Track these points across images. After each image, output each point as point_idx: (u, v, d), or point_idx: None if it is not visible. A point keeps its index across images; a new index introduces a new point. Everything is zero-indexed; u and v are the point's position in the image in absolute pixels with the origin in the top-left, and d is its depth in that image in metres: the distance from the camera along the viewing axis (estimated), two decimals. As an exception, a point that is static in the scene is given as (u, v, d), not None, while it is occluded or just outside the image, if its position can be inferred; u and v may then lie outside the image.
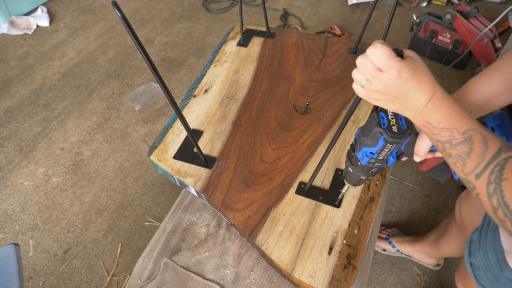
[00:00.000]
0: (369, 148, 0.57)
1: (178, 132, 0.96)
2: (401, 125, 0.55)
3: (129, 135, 1.88)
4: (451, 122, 0.48)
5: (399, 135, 0.54)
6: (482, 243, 0.70)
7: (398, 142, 0.55)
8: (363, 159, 0.59)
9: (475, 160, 0.46)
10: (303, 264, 0.73)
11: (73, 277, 1.41)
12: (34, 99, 2.09)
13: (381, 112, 0.56)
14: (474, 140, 0.46)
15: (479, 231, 0.74)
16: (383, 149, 0.56)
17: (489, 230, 0.70)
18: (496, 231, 0.66)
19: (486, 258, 0.69)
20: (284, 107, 1.00)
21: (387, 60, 0.46)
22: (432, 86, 0.48)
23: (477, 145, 0.46)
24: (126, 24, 0.50)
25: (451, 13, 2.01)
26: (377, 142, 0.55)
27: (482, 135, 0.46)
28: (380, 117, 0.55)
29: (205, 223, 0.90)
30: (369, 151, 0.57)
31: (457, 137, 0.47)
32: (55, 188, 1.67)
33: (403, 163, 1.71)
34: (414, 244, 1.33)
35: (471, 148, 0.46)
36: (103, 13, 2.72)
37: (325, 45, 1.17)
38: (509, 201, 0.43)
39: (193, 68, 2.24)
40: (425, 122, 0.50)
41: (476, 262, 0.72)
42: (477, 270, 0.73)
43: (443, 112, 0.48)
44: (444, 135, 0.48)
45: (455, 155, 0.48)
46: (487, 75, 0.62)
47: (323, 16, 2.60)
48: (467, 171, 0.47)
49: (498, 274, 0.66)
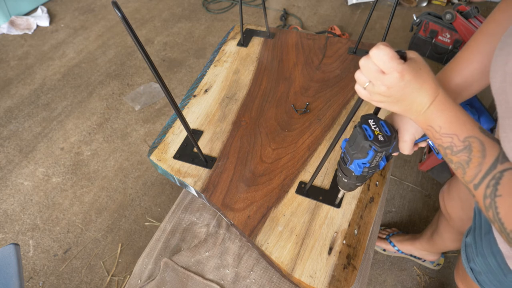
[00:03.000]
0: (360, 160, 0.58)
1: (178, 132, 0.96)
2: (385, 132, 0.57)
3: (129, 135, 1.88)
4: (452, 128, 0.48)
5: (387, 143, 0.56)
6: (479, 247, 0.69)
7: (387, 149, 0.56)
8: (357, 170, 0.61)
9: (473, 170, 0.46)
10: (303, 264, 0.73)
11: (73, 277, 1.41)
12: (34, 99, 2.09)
13: (364, 125, 0.57)
14: (473, 149, 0.46)
15: (473, 234, 0.72)
16: (374, 158, 0.58)
17: (483, 233, 0.69)
18: (490, 234, 0.66)
19: (486, 263, 0.68)
20: (284, 107, 1.00)
21: (390, 62, 0.45)
22: (435, 88, 0.48)
23: (476, 154, 0.46)
24: (126, 24, 0.50)
25: (451, 13, 2.01)
26: (368, 154, 0.57)
27: (481, 142, 0.46)
28: (364, 130, 0.57)
29: (205, 223, 0.90)
30: (361, 162, 0.59)
31: (458, 144, 0.47)
32: (55, 188, 1.67)
33: (403, 163, 1.71)
34: (414, 242, 1.33)
35: (470, 157, 0.46)
36: (103, 13, 2.72)
37: (325, 45, 1.17)
38: (504, 219, 0.43)
39: (193, 68, 2.24)
40: (427, 125, 0.50)
41: (477, 267, 0.71)
42: (479, 275, 0.72)
43: (445, 116, 0.48)
44: (446, 141, 0.48)
45: (455, 162, 0.48)
46: (466, 57, 0.60)
47: (323, 16, 2.60)
48: (467, 180, 0.47)
49: (502, 279, 0.65)
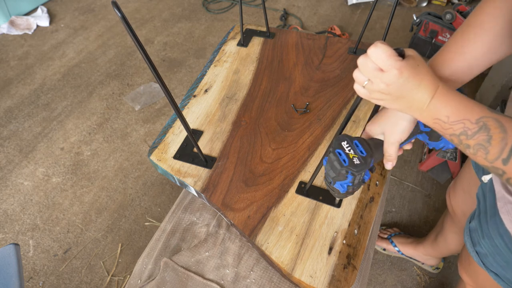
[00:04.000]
0: (342, 181, 0.59)
1: (178, 132, 0.96)
2: (360, 153, 0.56)
3: (129, 135, 1.88)
4: (461, 114, 0.47)
5: (363, 165, 0.55)
6: (485, 230, 0.69)
7: (364, 169, 0.56)
8: (342, 189, 0.61)
9: (497, 147, 0.44)
10: (303, 264, 0.73)
11: (73, 277, 1.41)
12: (34, 99, 2.09)
13: (337, 149, 0.57)
14: (490, 127, 0.45)
15: (478, 219, 0.73)
16: (354, 178, 0.58)
17: (488, 216, 0.69)
18: (496, 216, 0.66)
19: (493, 244, 0.68)
20: (284, 107, 1.00)
21: (388, 59, 0.45)
22: (434, 83, 0.47)
23: (495, 131, 0.44)
24: (126, 24, 0.50)
25: (451, 13, 2.01)
26: (347, 177, 0.57)
27: (496, 120, 0.45)
28: (338, 155, 0.56)
29: (205, 223, 0.90)
30: (344, 183, 0.60)
31: (471, 127, 0.46)
32: (55, 188, 1.67)
33: (403, 163, 1.71)
34: (417, 247, 1.33)
35: (489, 135, 0.45)
36: (103, 13, 2.72)
37: (325, 45, 1.17)
38: None
39: (193, 68, 2.24)
40: (434, 119, 0.49)
41: (483, 249, 0.71)
42: (484, 257, 0.72)
43: (450, 105, 0.47)
44: (457, 128, 0.47)
45: (474, 145, 0.47)
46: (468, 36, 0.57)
47: (323, 16, 2.60)
48: (492, 158, 0.46)
49: (509, 259, 0.65)
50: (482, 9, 0.56)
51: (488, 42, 0.56)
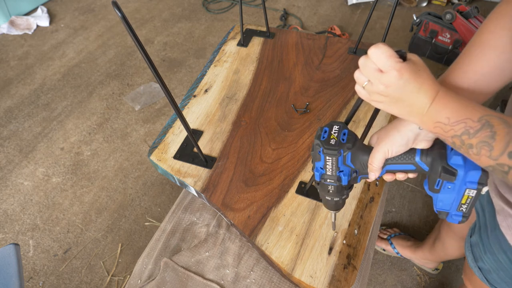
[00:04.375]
0: (317, 162, 0.59)
1: (178, 132, 0.96)
2: (340, 139, 0.56)
3: (129, 135, 1.88)
4: (462, 115, 0.45)
5: (335, 147, 0.55)
6: (486, 245, 0.68)
7: (334, 154, 0.55)
8: (316, 175, 0.60)
9: (502, 141, 0.43)
10: (303, 264, 0.73)
11: (73, 277, 1.41)
12: (34, 99, 2.09)
13: (325, 127, 0.57)
14: (493, 124, 0.43)
15: (478, 233, 0.71)
16: (326, 162, 0.57)
17: (489, 230, 0.68)
18: (497, 230, 0.65)
19: (496, 260, 0.66)
20: (284, 107, 1.00)
21: (388, 60, 0.45)
22: (435, 87, 0.47)
23: (499, 127, 0.43)
24: (126, 24, 0.50)
25: (451, 13, 2.01)
26: (320, 156, 0.57)
27: (498, 117, 0.44)
28: (322, 131, 0.57)
29: (205, 223, 0.90)
30: (318, 166, 0.59)
31: (473, 125, 0.45)
32: (55, 188, 1.67)
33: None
34: (415, 251, 1.32)
35: (493, 131, 0.43)
36: (103, 13, 2.72)
37: (325, 45, 1.17)
38: None
39: (193, 68, 2.24)
40: (434, 123, 0.48)
41: (485, 265, 0.70)
42: (488, 273, 0.70)
43: (451, 107, 0.46)
44: (459, 128, 0.46)
45: (477, 144, 0.45)
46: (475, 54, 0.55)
47: (323, 16, 2.60)
48: (496, 154, 0.44)
49: None
50: (487, 27, 0.55)
51: (493, 60, 0.54)
